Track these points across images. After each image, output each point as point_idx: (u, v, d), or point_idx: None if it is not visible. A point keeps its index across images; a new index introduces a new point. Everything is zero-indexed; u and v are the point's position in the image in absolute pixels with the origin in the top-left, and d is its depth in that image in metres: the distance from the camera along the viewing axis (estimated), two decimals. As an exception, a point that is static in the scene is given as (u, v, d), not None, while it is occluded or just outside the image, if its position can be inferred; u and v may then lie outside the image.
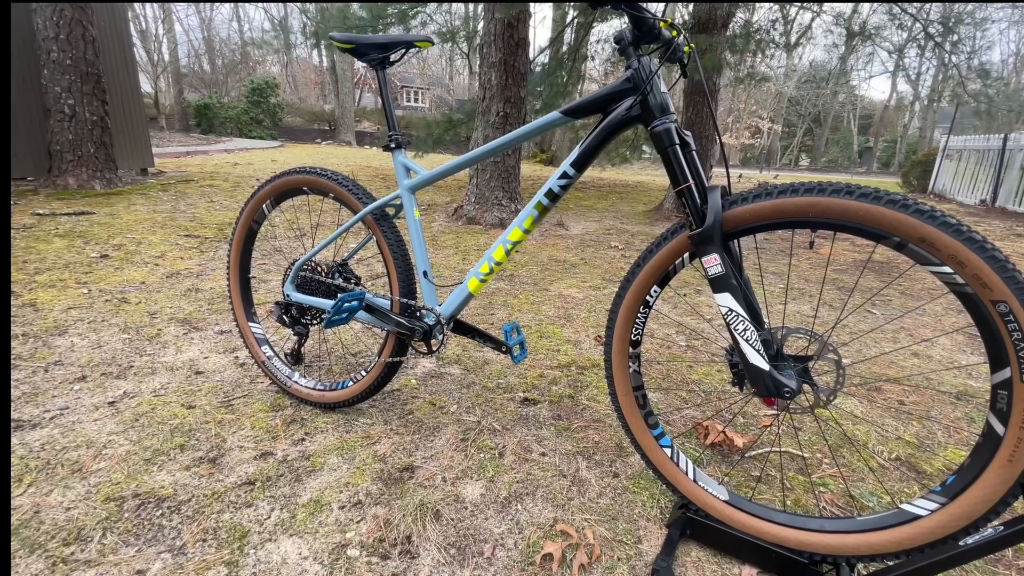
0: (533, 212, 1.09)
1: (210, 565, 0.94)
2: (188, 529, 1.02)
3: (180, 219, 3.79)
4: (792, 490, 1.24)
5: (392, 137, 1.29)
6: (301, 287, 1.46)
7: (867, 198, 0.80)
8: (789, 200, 0.85)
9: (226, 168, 7.09)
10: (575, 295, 2.65)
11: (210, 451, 1.27)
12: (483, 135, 4.56)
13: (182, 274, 2.62)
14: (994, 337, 0.76)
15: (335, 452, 1.30)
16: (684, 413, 1.58)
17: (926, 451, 1.43)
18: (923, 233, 0.77)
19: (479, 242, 3.82)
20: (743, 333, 0.88)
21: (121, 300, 2.18)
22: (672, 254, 0.98)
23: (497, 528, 1.08)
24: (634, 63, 0.94)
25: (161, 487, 1.13)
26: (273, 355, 1.57)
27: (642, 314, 1.05)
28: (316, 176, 1.35)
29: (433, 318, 1.25)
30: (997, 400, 0.78)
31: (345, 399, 1.42)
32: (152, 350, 1.78)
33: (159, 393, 1.51)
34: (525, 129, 1.08)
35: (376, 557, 0.99)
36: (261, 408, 1.47)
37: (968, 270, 0.75)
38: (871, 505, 1.20)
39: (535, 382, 1.72)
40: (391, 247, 1.29)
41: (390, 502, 1.13)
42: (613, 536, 1.07)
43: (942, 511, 0.83)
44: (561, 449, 1.36)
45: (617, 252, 3.76)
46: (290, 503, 1.11)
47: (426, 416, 1.49)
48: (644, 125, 0.95)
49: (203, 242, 3.27)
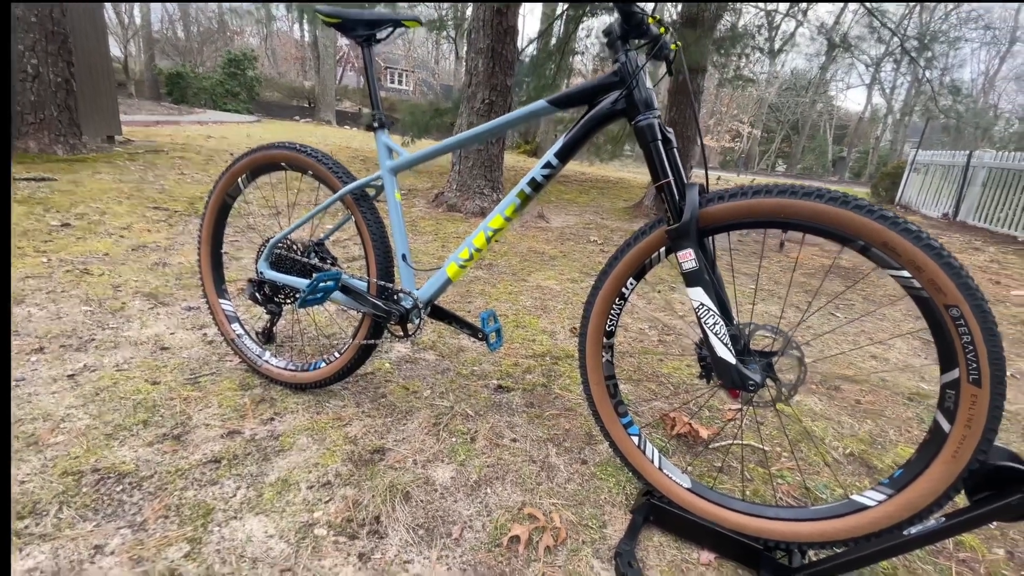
0: (515, 200, 1.10)
1: (172, 541, 0.93)
2: (149, 505, 1.00)
3: (148, 190, 3.65)
4: (752, 481, 1.29)
5: (376, 116, 1.27)
6: (275, 265, 1.43)
7: (836, 202, 0.83)
8: (763, 200, 0.88)
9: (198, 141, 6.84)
10: (553, 287, 2.67)
11: (175, 428, 1.24)
12: (467, 122, 4.52)
13: (149, 247, 2.53)
14: (945, 339, 0.81)
15: (305, 432, 1.29)
16: (653, 405, 1.62)
17: (878, 448, 1.50)
18: (886, 238, 0.80)
19: (459, 230, 3.80)
20: (713, 327, 0.91)
21: (83, 271, 2.10)
22: (649, 248, 1.00)
23: (466, 510, 1.09)
24: (621, 57, 0.95)
25: (122, 463, 1.10)
26: (244, 333, 1.54)
27: (617, 306, 1.07)
28: (295, 152, 1.33)
29: (411, 302, 1.25)
30: (945, 399, 0.83)
31: (317, 380, 1.41)
32: (115, 323, 1.72)
33: (122, 368, 1.46)
34: (511, 116, 1.07)
35: (344, 537, 0.99)
36: (229, 386, 1.44)
37: (925, 275, 0.79)
38: (824, 497, 1.26)
39: (510, 370, 1.73)
40: (370, 228, 1.28)
41: (360, 483, 1.13)
42: (579, 520, 1.10)
43: (889, 502, 0.87)
44: (532, 435, 1.38)
45: (596, 247, 3.79)
46: (257, 482, 1.10)
47: (399, 400, 1.48)
48: (628, 119, 0.97)
49: (172, 215, 3.16)
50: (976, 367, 0.77)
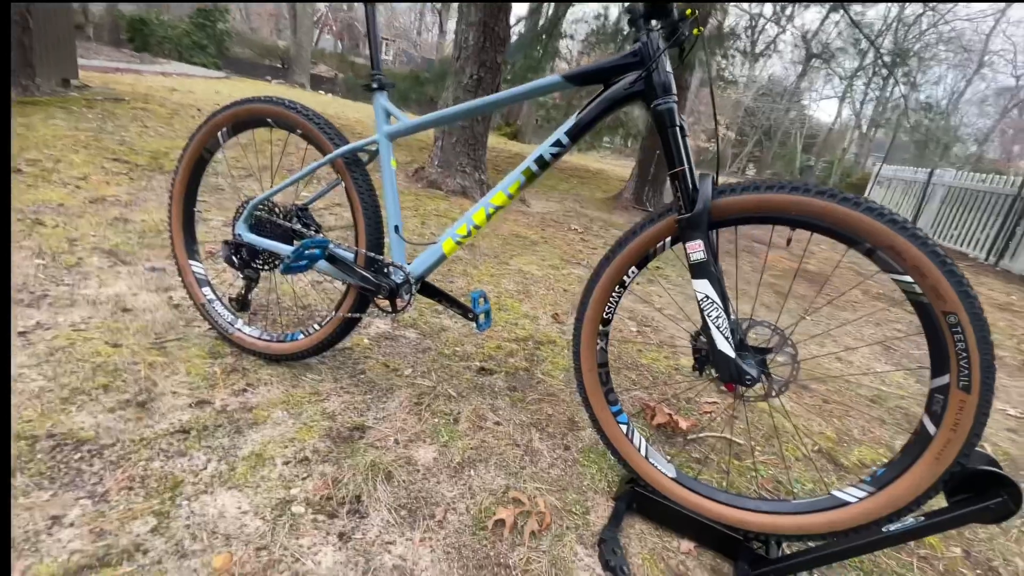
0: (520, 178, 1.06)
1: (137, 515, 0.87)
2: (111, 475, 0.93)
3: (107, 141, 3.40)
4: (728, 473, 1.32)
5: (375, 77, 1.20)
6: (255, 228, 1.35)
7: (848, 203, 0.83)
8: (775, 196, 0.87)
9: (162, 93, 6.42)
10: (535, 272, 2.65)
11: (138, 394, 1.16)
12: (454, 96, 4.39)
13: (108, 201, 2.36)
14: (940, 345, 0.82)
15: (280, 406, 1.23)
16: (632, 394, 1.63)
17: (844, 446, 1.56)
18: (893, 242, 0.81)
19: (439, 207, 3.72)
20: (715, 320, 0.91)
21: (35, 221, 1.94)
22: (656, 236, 0.98)
23: (450, 492, 1.07)
24: (643, 37, 0.92)
25: (81, 428, 1.02)
26: (215, 298, 1.46)
27: (616, 293, 1.06)
28: (284, 108, 1.24)
29: (401, 276, 1.20)
30: (933, 403, 0.85)
31: (293, 352, 1.34)
32: (71, 280, 1.60)
33: (79, 327, 1.36)
34: (525, 88, 1.03)
35: (323, 515, 0.95)
36: (198, 354, 1.36)
37: (927, 281, 0.80)
38: (795, 491, 1.30)
39: (492, 353, 1.71)
40: (361, 196, 1.22)
41: (339, 461, 1.09)
42: (563, 506, 1.09)
43: (870, 499, 0.90)
44: (515, 419, 1.36)
45: (576, 235, 3.78)
46: (229, 455, 1.04)
47: (379, 377, 1.44)
48: (645, 102, 0.94)
49: (133, 169, 2.96)
50: (968, 374, 0.79)
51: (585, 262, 3.07)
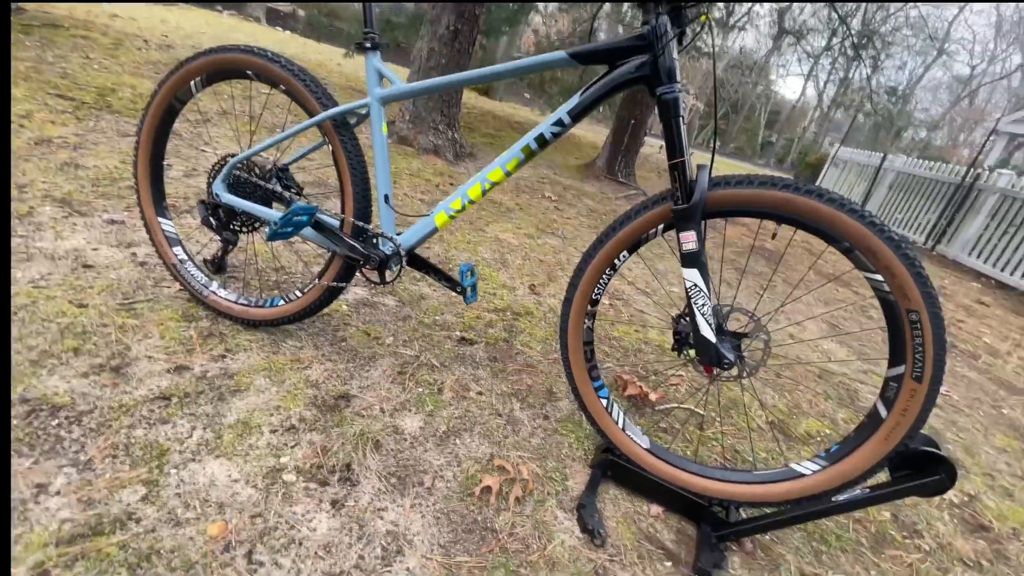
0: (519, 155, 1.05)
1: (125, 483, 0.86)
2: (93, 443, 0.91)
3: (48, 73, 3.08)
4: (691, 442, 1.42)
5: (368, 35, 1.14)
6: (233, 188, 1.28)
7: (833, 203, 0.87)
8: (767, 192, 0.91)
9: (103, 19, 5.80)
10: (511, 240, 2.65)
11: (112, 359, 1.12)
12: (428, 47, 4.20)
13: (55, 143, 2.16)
14: (899, 339, 0.90)
15: (262, 373, 1.22)
16: (605, 366, 1.70)
17: (793, 418, 1.69)
18: (871, 244, 0.87)
19: (411, 166, 3.62)
20: (701, 308, 0.95)
21: (-28, 162, 1.76)
22: (649, 223, 1.01)
23: (436, 460, 1.11)
24: (652, 20, 0.91)
25: (55, 394, 0.99)
26: (187, 258, 1.39)
27: (607, 275, 1.09)
28: (267, 61, 1.17)
29: (391, 247, 1.18)
30: (887, 390, 0.94)
31: (273, 318, 1.32)
32: (24, 232, 1.49)
33: (39, 285, 1.28)
34: (527, 62, 1.01)
35: (315, 483, 0.97)
36: (171, 316, 1.32)
37: (896, 281, 0.87)
38: (749, 459, 1.41)
39: (472, 323, 1.73)
40: (350, 161, 1.18)
41: (327, 429, 1.10)
42: (544, 473, 1.15)
43: (823, 472, 1.00)
44: (497, 390, 1.41)
45: (551, 203, 3.79)
46: (214, 423, 1.04)
47: (360, 345, 1.44)
48: (649, 87, 0.94)
49: (80, 107, 2.71)
50: (922, 366, 0.88)
51: (560, 232, 3.10)
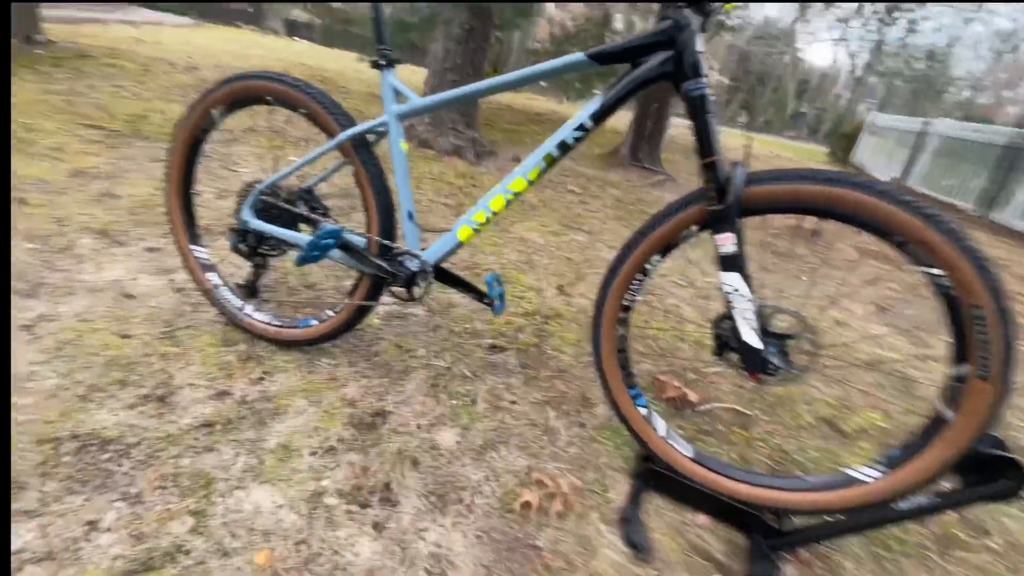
0: (541, 163, 1.02)
1: (174, 515, 0.88)
2: (143, 475, 0.94)
3: (80, 104, 3.21)
4: (736, 444, 1.37)
5: (383, 52, 1.12)
6: (261, 213, 1.30)
7: (883, 196, 0.81)
8: (807, 187, 0.86)
9: (130, 45, 6.02)
10: (536, 239, 2.62)
11: (156, 388, 1.15)
12: (444, 47, 4.19)
13: (90, 174, 2.25)
14: (963, 336, 0.84)
15: (300, 394, 1.23)
16: (640, 366, 1.65)
17: (845, 412, 1.61)
18: (926, 237, 0.80)
19: (432, 169, 3.62)
20: (743, 312, 0.91)
21: (19, 200, 1.85)
22: (682, 224, 0.97)
23: (474, 475, 1.10)
24: (673, 14, 0.87)
25: (104, 428, 1.02)
26: (221, 283, 1.42)
27: (638, 281, 1.05)
28: (285, 85, 1.17)
29: (417, 264, 1.18)
30: (950, 390, 0.87)
31: (308, 338, 1.33)
32: (66, 265, 1.55)
33: (84, 318, 1.33)
34: (544, 67, 0.98)
35: (355, 505, 0.97)
36: (211, 342, 1.35)
37: (958, 275, 0.80)
38: (799, 460, 1.35)
39: (501, 329, 1.71)
40: (372, 180, 1.17)
41: (365, 448, 1.10)
42: (584, 485, 1.13)
43: (883, 479, 0.94)
44: (530, 398, 1.39)
45: (575, 197, 3.73)
46: (256, 448, 1.05)
47: (394, 359, 1.44)
48: (674, 84, 0.90)
49: (111, 136, 2.81)
50: (987, 364, 0.81)
51: (586, 227, 3.05)
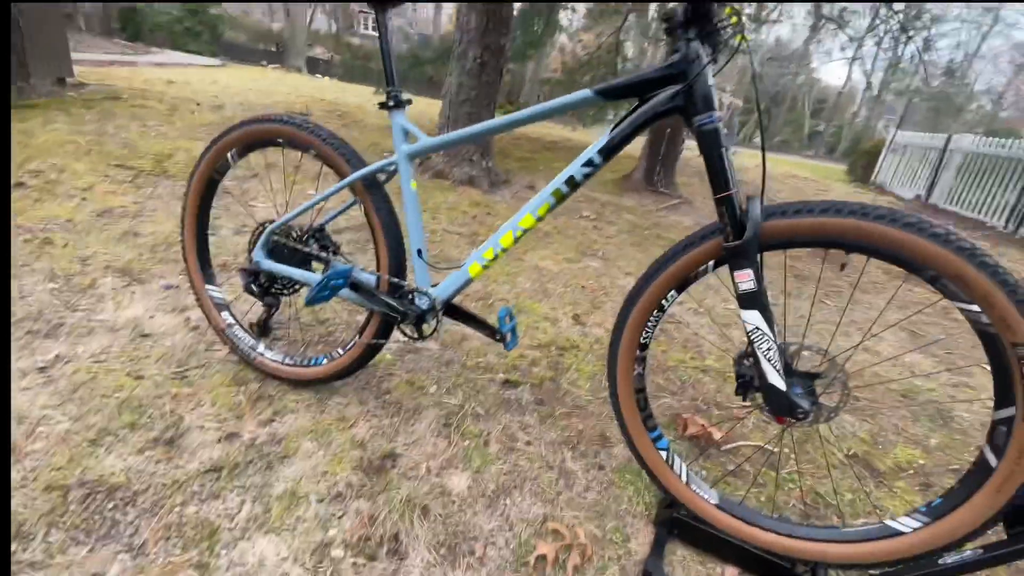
0: (550, 199, 1.01)
1: (177, 568, 0.85)
2: (148, 525, 0.92)
3: (109, 144, 3.34)
4: (764, 485, 1.29)
5: (391, 94, 1.13)
6: (272, 253, 1.30)
7: (911, 228, 0.77)
8: (831, 220, 0.82)
9: (159, 86, 6.31)
10: (550, 267, 2.60)
11: (166, 431, 1.14)
12: (457, 82, 4.28)
13: (115, 212, 2.32)
14: (1006, 377, 0.78)
15: (308, 435, 1.21)
16: (662, 401, 1.60)
17: (879, 448, 1.53)
18: (960, 271, 0.76)
19: (448, 199, 3.65)
20: (766, 352, 0.86)
21: (44, 240, 1.90)
22: (698, 260, 0.93)
23: (487, 525, 1.05)
24: (682, 47, 0.85)
25: (112, 474, 1.01)
26: (234, 322, 1.43)
27: (655, 317, 1.01)
28: (295, 128, 1.18)
29: (427, 302, 1.16)
30: (995, 435, 0.81)
31: (318, 377, 1.32)
32: (86, 304, 1.57)
33: (99, 359, 1.34)
34: (551, 104, 0.97)
35: (363, 558, 0.93)
36: (222, 381, 1.34)
37: (996, 312, 0.75)
38: (834, 503, 1.27)
39: (515, 362, 1.68)
40: (382, 219, 1.17)
41: (373, 495, 1.07)
42: (603, 534, 1.07)
43: (925, 530, 0.87)
44: (546, 438, 1.34)
45: (589, 223, 3.71)
46: (263, 495, 1.03)
47: (405, 397, 1.41)
48: (685, 118, 0.88)
49: (138, 175, 2.91)
50: (1035, 408, 0.75)
51: (601, 253, 3.02)
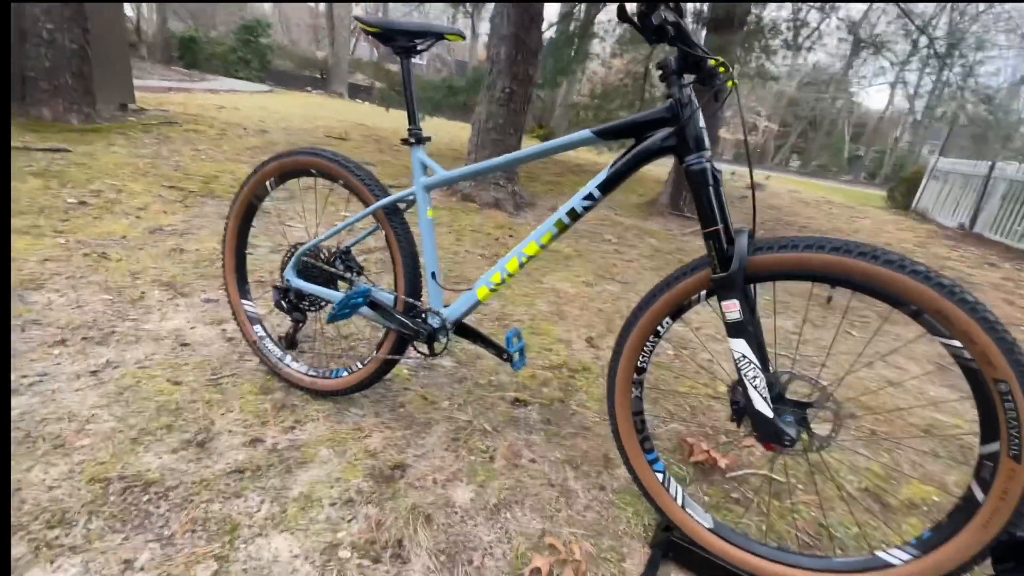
0: (553, 229, 1.08)
1: (200, 558, 0.94)
2: (177, 518, 1.01)
3: (163, 167, 3.62)
4: (768, 514, 1.30)
5: (412, 132, 1.24)
6: (302, 273, 1.42)
7: (892, 265, 0.81)
8: (815, 256, 0.86)
9: (211, 111, 6.77)
10: (568, 290, 2.66)
11: (198, 433, 1.25)
12: (487, 111, 4.45)
13: (165, 230, 2.52)
14: (990, 412, 0.79)
15: (326, 444, 1.29)
16: (670, 427, 1.62)
17: (892, 483, 1.50)
18: (940, 306, 0.78)
19: (474, 222, 3.77)
20: (753, 380, 0.90)
21: (101, 255, 2.09)
22: (690, 289, 0.98)
23: (486, 536, 1.10)
24: (675, 92, 0.92)
25: (148, 470, 1.11)
26: (265, 335, 1.54)
27: (651, 343, 1.06)
28: (327, 161, 1.30)
29: (438, 321, 1.24)
30: (982, 469, 0.82)
31: (338, 389, 1.41)
32: (135, 315, 1.72)
33: (144, 365, 1.47)
34: (555, 143, 1.05)
35: (367, 560, 1.00)
36: (251, 390, 1.45)
37: (977, 348, 0.77)
38: (836, 534, 1.26)
39: (526, 382, 1.73)
40: (400, 244, 1.26)
41: (382, 502, 1.14)
42: (598, 553, 1.10)
43: (914, 563, 0.88)
44: (550, 456, 1.39)
45: (611, 246, 3.76)
46: (280, 496, 1.11)
47: (418, 410, 1.49)
48: (677, 157, 0.94)
49: (187, 196, 3.14)
50: (1018, 443, 0.76)
51: (620, 277, 3.06)
